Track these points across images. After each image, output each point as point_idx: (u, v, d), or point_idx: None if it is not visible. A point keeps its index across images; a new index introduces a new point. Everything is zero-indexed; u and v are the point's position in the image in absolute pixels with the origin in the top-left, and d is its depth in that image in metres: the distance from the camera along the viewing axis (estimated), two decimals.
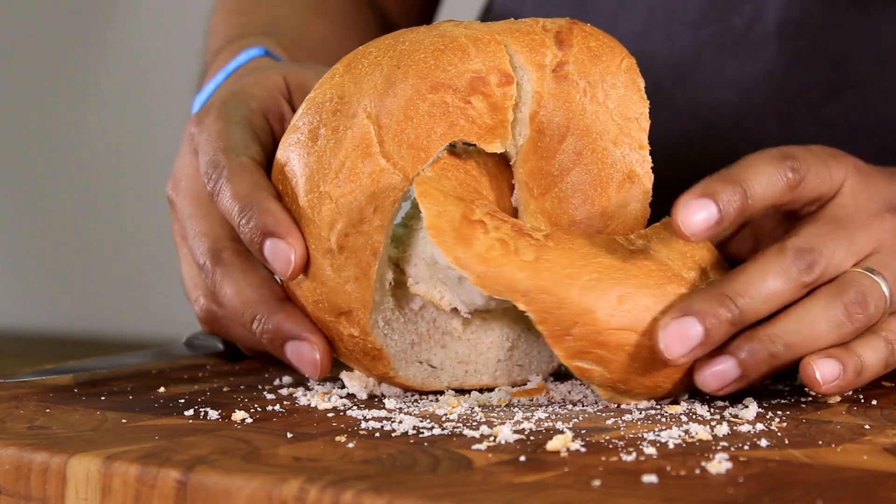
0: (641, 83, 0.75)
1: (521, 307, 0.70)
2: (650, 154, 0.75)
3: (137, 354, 0.86)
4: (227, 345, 0.88)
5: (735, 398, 0.74)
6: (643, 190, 0.75)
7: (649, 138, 0.76)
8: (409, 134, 0.73)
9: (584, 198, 0.74)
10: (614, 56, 0.75)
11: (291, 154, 0.75)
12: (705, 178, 0.73)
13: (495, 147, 0.74)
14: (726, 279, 0.72)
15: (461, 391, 0.78)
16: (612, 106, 0.74)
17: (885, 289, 0.73)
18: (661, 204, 0.77)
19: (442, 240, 0.70)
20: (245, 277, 0.78)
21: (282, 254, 0.74)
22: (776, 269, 0.72)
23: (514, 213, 0.76)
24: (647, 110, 0.75)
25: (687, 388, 0.73)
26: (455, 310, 0.76)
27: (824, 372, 0.72)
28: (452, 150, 0.75)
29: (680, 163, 1.01)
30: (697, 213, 0.71)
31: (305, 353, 0.76)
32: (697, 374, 0.71)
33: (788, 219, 0.78)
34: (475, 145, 0.75)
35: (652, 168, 0.75)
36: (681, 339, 0.69)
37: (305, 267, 0.75)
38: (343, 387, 0.78)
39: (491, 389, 0.78)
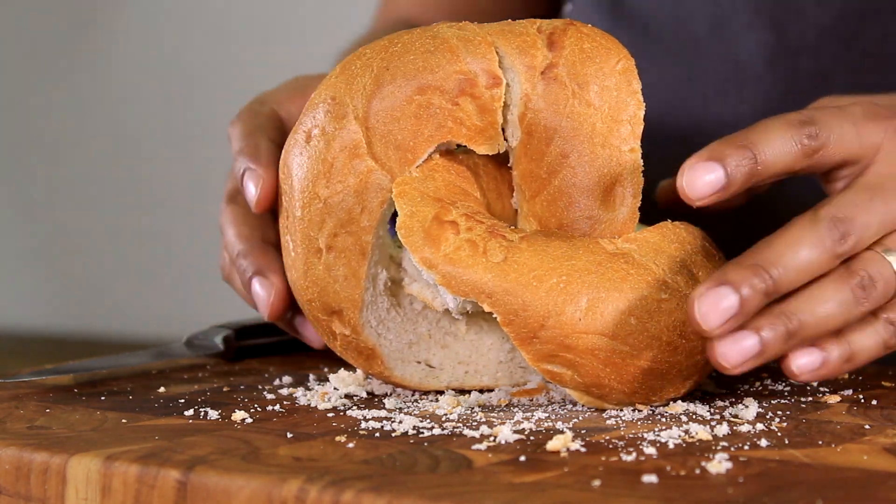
0: (637, 85, 0.74)
1: (487, 309, 0.70)
2: (647, 157, 0.75)
3: (137, 354, 0.86)
4: (227, 345, 0.88)
5: (735, 398, 0.74)
6: (632, 193, 0.74)
7: (651, 133, 0.75)
8: (397, 135, 0.73)
9: (570, 201, 0.73)
10: (609, 57, 0.74)
11: (289, 155, 0.75)
12: (714, 141, 0.71)
13: (484, 149, 0.74)
14: (758, 248, 0.70)
15: (461, 391, 0.78)
16: (604, 108, 0.74)
17: None
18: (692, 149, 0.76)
19: (411, 240, 0.71)
20: (246, 217, 0.84)
21: (251, 184, 0.81)
22: (810, 239, 0.70)
23: (515, 214, 0.76)
24: (643, 112, 0.74)
25: (667, 395, 0.72)
26: (448, 310, 0.76)
27: (800, 364, 0.71)
28: (445, 150, 0.75)
29: (714, 108, 1.01)
30: (704, 175, 0.70)
31: (263, 290, 0.80)
32: (718, 349, 0.68)
33: (823, 181, 0.76)
34: (465, 147, 0.75)
35: (643, 172, 0.74)
36: (716, 308, 0.67)
37: (271, 202, 0.79)
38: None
39: (491, 389, 0.78)
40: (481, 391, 0.77)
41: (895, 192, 0.73)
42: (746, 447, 0.63)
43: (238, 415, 0.71)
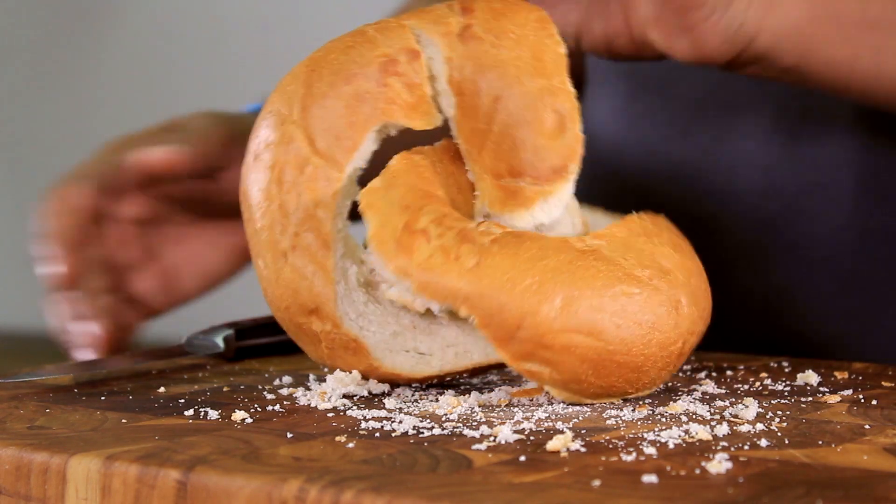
0: (554, 29, 0.77)
1: (464, 313, 0.71)
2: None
3: (137, 354, 0.86)
4: (227, 345, 0.88)
5: (735, 398, 0.74)
6: (570, 118, 0.75)
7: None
8: (336, 128, 0.76)
9: (513, 141, 0.75)
10: (520, 10, 0.77)
11: (243, 176, 0.78)
12: None
13: (421, 123, 0.77)
14: None
15: (461, 392, 0.78)
16: (525, 52, 0.76)
17: None
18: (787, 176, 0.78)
19: (383, 250, 0.72)
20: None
21: None
22: None
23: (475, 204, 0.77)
24: (565, 51, 0.76)
25: (643, 387, 0.72)
26: (429, 310, 0.76)
27: None
28: (404, 154, 0.76)
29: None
30: None
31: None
32: None
33: None
34: (404, 125, 0.77)
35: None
36: None
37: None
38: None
39: (491, 390, 0.78)
40: (481, 391, 0.77)
41: None
42: (746, 447, 0.63)
43: (238, 415, 0.71)
